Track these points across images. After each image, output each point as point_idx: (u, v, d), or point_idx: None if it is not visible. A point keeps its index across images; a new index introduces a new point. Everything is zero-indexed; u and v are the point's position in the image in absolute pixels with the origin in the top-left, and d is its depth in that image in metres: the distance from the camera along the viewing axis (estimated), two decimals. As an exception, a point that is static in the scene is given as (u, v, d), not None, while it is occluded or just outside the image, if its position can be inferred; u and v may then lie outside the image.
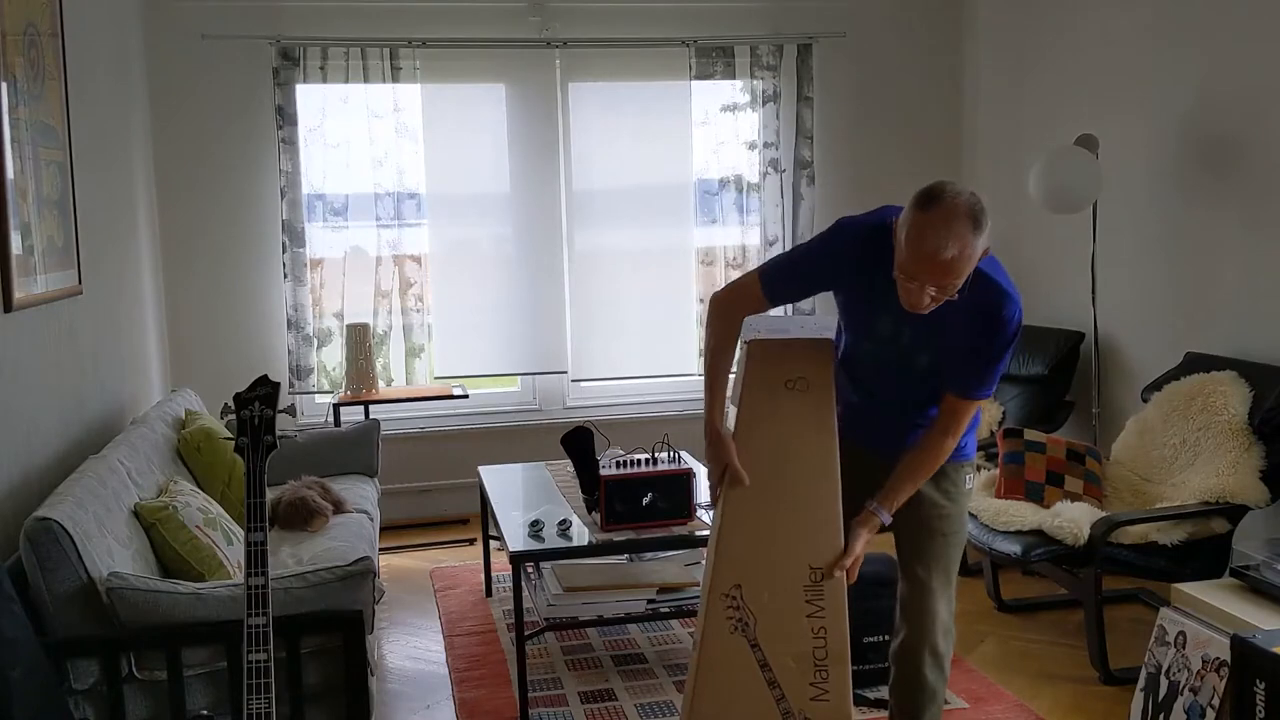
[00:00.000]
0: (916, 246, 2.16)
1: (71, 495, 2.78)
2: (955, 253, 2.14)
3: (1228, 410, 3.72)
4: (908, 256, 2.18)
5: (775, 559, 2.41)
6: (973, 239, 2.16)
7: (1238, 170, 4.11)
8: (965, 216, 2.16)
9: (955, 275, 2.17)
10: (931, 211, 2.16)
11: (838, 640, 2.37)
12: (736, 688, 2.35)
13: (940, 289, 2.20)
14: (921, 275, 2.18)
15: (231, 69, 5.25)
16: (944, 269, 2.15)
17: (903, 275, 2.21)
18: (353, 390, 5.19)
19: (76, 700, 2.56)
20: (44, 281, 3.29)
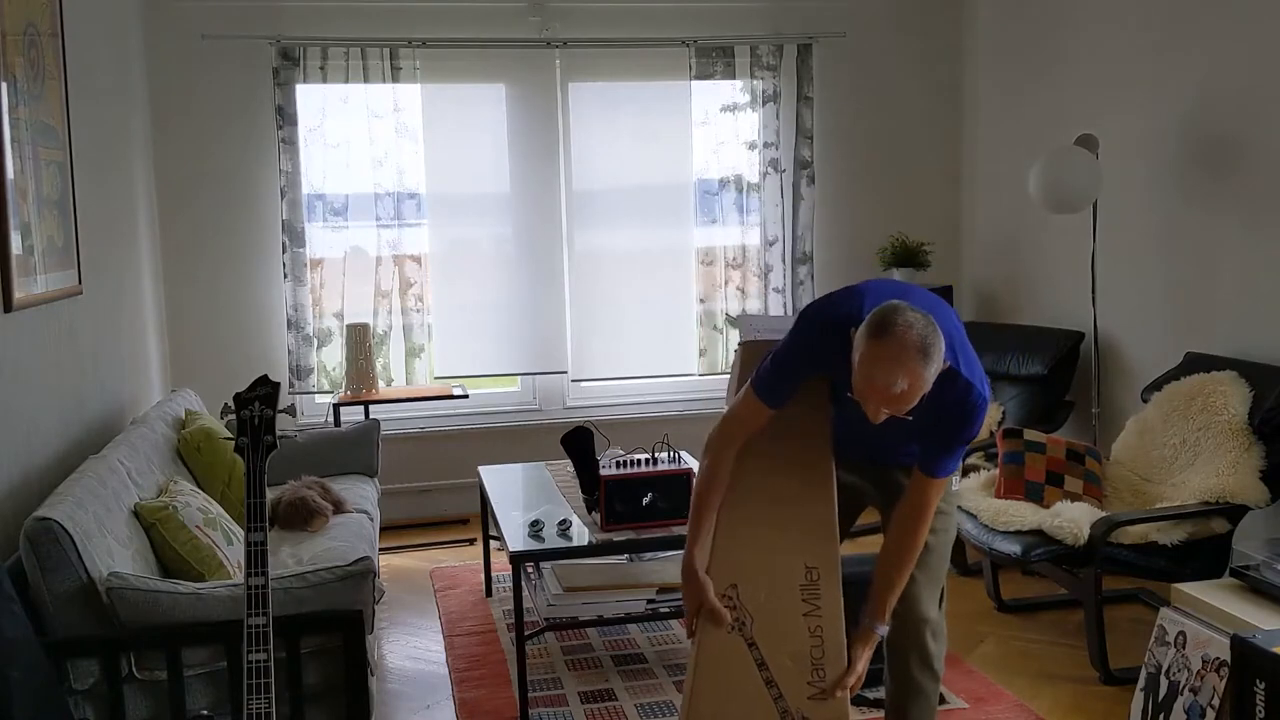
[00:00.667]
0: (868, 378, 2.19)
1: (71, 495, 2.78)
2: (905, 386, 2.17)
3: (1228, 410, 3.72)
4: (860, 383, 2.21)
5: (771, 559, 2.42)
6: (923, 371, 2.17)
7: (1238, 170, 4.11)
8: (915, 350, 2.16)
9: (907, 402, 2.20)
10: (883, 344, 2.17)
11: (835, 640, 2.38)
12: (734, 686, 2.35)
13: (895, 411, 2.23)
14: (874, 401, 2.21)
15: (231, 69, 5.25)
16: (895, 400, 2.19)
17: (858, 392, 2.23)
18: (353, 390, 5.19)
19: (76, 700, 2.56)
20: (44, 281, 3.29)
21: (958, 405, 2.36)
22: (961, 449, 2.47)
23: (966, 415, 2.37)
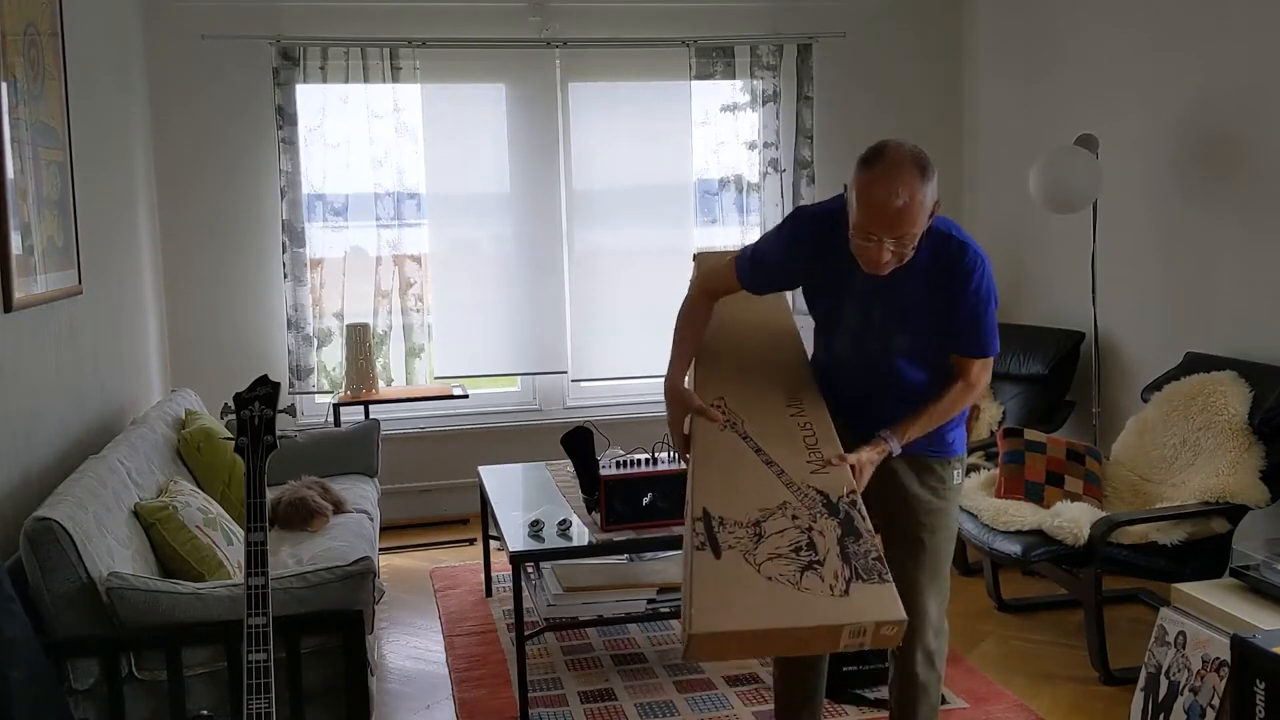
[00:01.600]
0: (867, 201, 2.21)
1: (71, 495, 2.78)
2: (905, 199, 2.19)
3: (1228, 410, 3.72)
4: (860, 214, 2.23)
5: (753, 385, 2.57)
6: (921, 185, 2.21)
7: (1238, 170, 4.11)
8: (911, 164, 2.22)
9: (909, 224, 2.21)
10: (876, 167, 2.22)
11: (825, 430, 2.44)
12: (735, 466, 2.37)
13: (898, 242, 2.23)
14: (877, 229, 2.22)
15: (231, 69, 5.25)
16: (897, 218, 2.20)
17: (858, 235, 2.25)
18: (353, 390, 5.19)
19: (76, 700, 2.56)
20: (44, 281, 3.29)
21: (952, 259, 2.35)
22: (984, 322, 2.41)
23: (964, 271, 2.34)
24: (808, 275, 2.53)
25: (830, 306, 2.51)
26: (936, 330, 2.43)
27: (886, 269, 2.28)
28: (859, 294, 2.43)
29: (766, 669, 3.64)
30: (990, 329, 2.44)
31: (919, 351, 2.47)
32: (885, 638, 2.12)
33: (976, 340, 2.44)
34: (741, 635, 2.09)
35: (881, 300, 2.41)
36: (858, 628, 2.11)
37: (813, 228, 2.46)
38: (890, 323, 2.43)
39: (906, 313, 2.40)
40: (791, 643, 2.18)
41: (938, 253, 2.35)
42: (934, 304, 2.38)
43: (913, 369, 2.49)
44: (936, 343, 2.46)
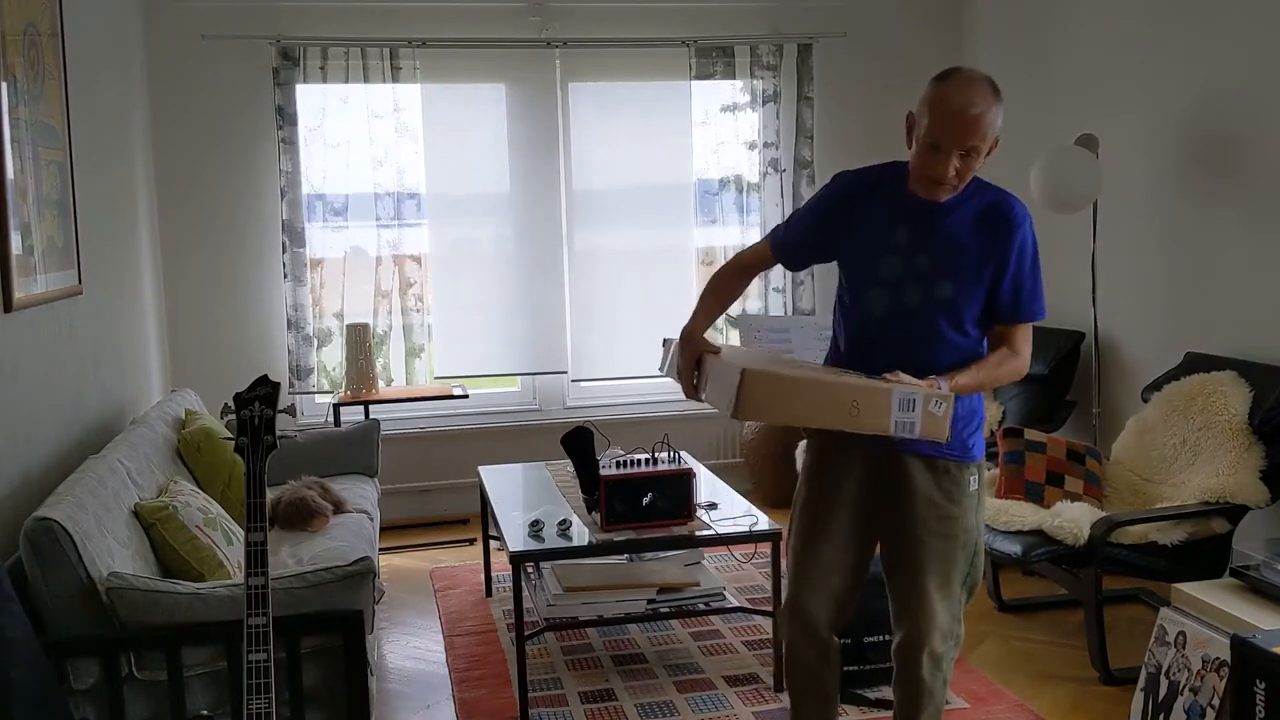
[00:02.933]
0: (943, 107, 2.26)
1: (71, 495, 2.78)
2: (982, 109, 2.25)
3: (1228, 410, 3.72)
4: (933, 121, 2.26)
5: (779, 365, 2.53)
6: (995, 103, 2.29)
7: (1238, 170, 4.11)
8: (985, 81, 2.30)
9: (980, 136, 2.26)
10: (952, 79, 2.30)
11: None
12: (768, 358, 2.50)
13: (964, 158, 2.27)
14: (949, 135, 2.25)
15: (231, 69, 5.25)
16: (972, 125, 2.25)
17: (927, 143, 2.28)
18: (353, 390, 5.19)
19: (76, 700, 2.56)
20: (44, 281, 3.29)
21: (1001, 207, 2.38)
22: (1033, 277, 2.41)
23: (1013, 220, 2.37)
24: (844, 229, 2.49)
25: (870, 258, 2.45)
26: (981, 281, 2.39)
27: (945, 188, 2.31)
28: (901, 247, 2.40)
29: (767, 669, 3.64)
30: (1038, 287, 2.43)
31: (961, 308, 2.40)
32: (934, 420, 2.15)
33: (1023, 297, 2.42)
34: (791, 384, 2.18)
35: (927, 247, 2.38)
36: (907, 397, 2.15)
37: (854, 179, 2.50)
38: (935, 270, 2.38)
39: (952, 258, 2.37)
40: (838, 409, 2.18)
41: (987, 203, 2.39)
42: (980, 252, 2.37)
43: (952, 331, 2.42)
44: (979, 300, 2.41)
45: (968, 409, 2.48)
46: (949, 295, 2.39)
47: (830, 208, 2.51)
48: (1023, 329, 2.44)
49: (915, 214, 2.39)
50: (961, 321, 2.41)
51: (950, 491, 2.49)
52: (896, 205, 2.41)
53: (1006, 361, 2.43)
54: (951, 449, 2.46)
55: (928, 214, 2.38)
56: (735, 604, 3.69)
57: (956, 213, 2.37)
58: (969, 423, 2.49)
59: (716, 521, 3.57)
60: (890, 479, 2.49)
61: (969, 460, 2.51)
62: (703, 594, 3.64)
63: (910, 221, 2.39)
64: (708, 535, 3.52)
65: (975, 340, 2.45)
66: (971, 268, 2.38)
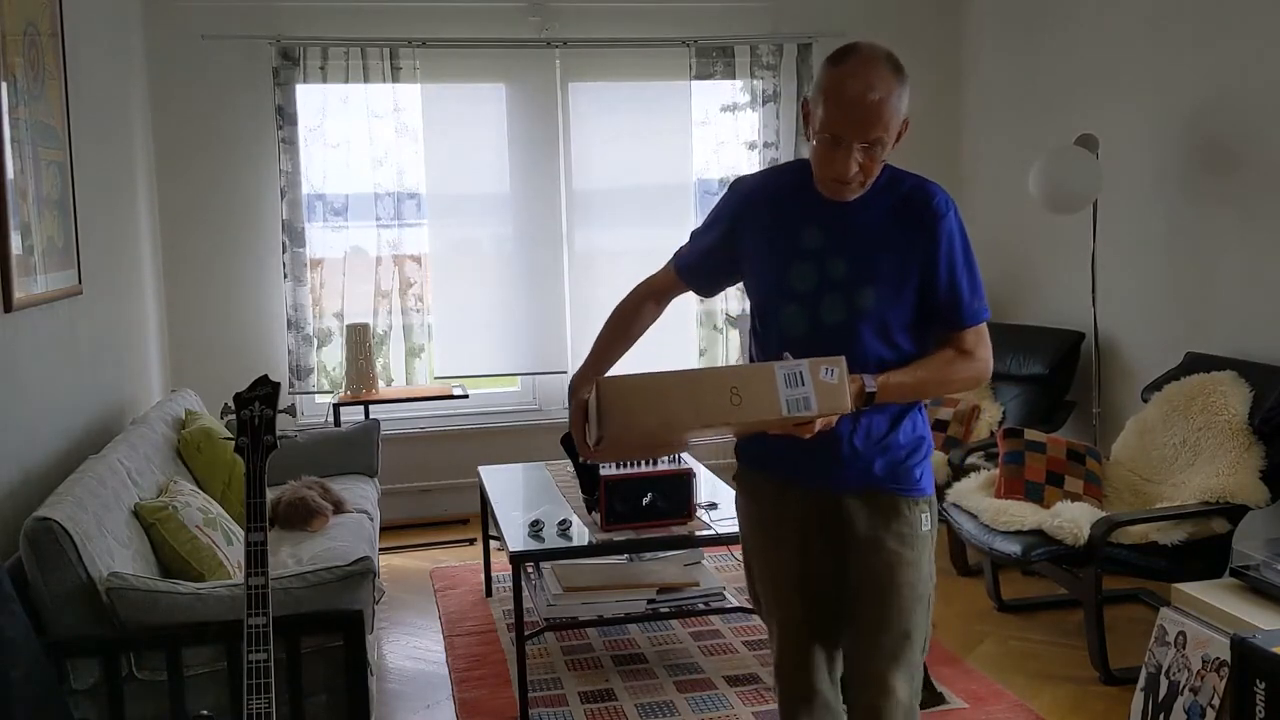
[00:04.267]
0: (838, 96, 1.96)
1: (71, 495, 2.78)
2: (882, 94, 1.94)
3: (1228, 410, 3.72)
4: (829, 111, 1.97)
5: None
6: (897, 84, 1.97)
7: (1238, 170, 4.11)
8: (885, 60, 1.98)
9: (882, 125, 1.96)
10: (850, 61, 1.98)
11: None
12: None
13: (867, 151, 1.98)
14: (847, 128, 1.96)
15: (231, 69, 5.25)
16: (870, 115, 1.94)
17: (824, 137, 1.98)
18: (353, 390, 5.19)
19: (77, 700, 2.56)
20: (44, 281, 3.29)
21: (919, 197, 2.08)
22: (967, 272, 2.10)
23: (934, 212, 2.07)
24: (747, 240, 2.19)
25: (778, 274, 2.13)
26: (907, 282, 2.09)
27: (852, 187, 2.03)
28: (813, 251, 2.10)
29: (767, 669, 3.64)
30: (975, 283, 2.12)
31: (887, 317, 2.09)
32: (829, 390, 1.87)
33: (960, 297, 2.11)
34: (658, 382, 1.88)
35: (842, 250, 2.09)
36: (792, 372, 1.88)
37: (755, 183, 2.24)
38: (854, 275, 2.07)
39: (871, 260, 2.08)
40: (718, 401, 1.88)
41: (903, 195, 2.09)
42: (903, 251, 2.08)
43: (881, 345, 2.10)
44: (908, 306, 2.10)
45: (911, 436, 2.16)
46: (872, 304, 2.08)
47: (730, 217, 2.23)
48: (971, 332, 2.12)
49: (825, 214, 2.10)
50: (889, 332, 2.10)
51: (901, 534, 2.13)
52: (804, 206, 2.12)
53: (956, 362, 2.11)
54: (898, 481, 2.14)
55: (839, 213, 2.10)
56: (735, 604, 3.68)
57: (870, 209, 2.08)
58: (914, 451, 2.16)
59: (716, 521, 3.57)
60: (827, 524, 2.15)
61: (918, 494, 2.16)
62: (703, 594, 3.64)
63: (820, 223, 2.10)
64: (707, 535, 3.52)
65: (909, 355, 2.12)
66: (894, 269, 2.08)
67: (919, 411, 2.19)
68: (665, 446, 2.52)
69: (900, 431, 2.15)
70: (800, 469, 2.18)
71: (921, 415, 2.20)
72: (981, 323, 2.13)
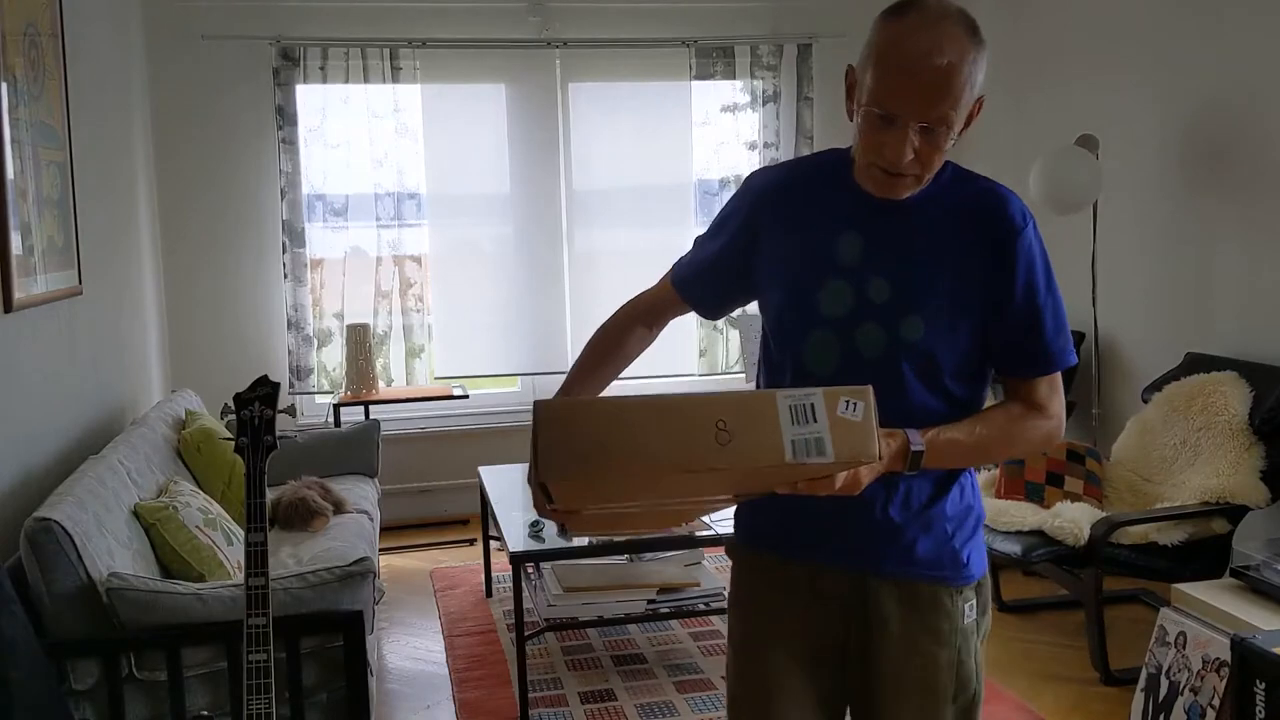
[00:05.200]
0: (896, 58, 1.53)
1: (71, 495, 2.78)
2: (953, 59, 1.51)
3: (1228, 410, 3.72)
4: (882, 80, 1.54)
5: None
6: (972, 49, 1.55)
7: (1238, 170, 4.10)
8: (957, 18, 1.56)
9: (951, 99, 1.52)
10: (909, 16, 1.56)
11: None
12: None
13: (928, 134, 1.54)
14: (904, 102, 1.52)
15: (231, 69, 5.25)
16: (937, 83, 1.51)
17: (874, 113, 1.54)
18: (353, 390, 5.19)
19: (77, 701, 2.56)
20: (44, 281, 3.29)
21: (988, 207, 1.64)
22: (1058, 294, 1.71)
23: (1019, 224, 1.64)
24: (767, 245, 1.73)
25: (802, 294, 1.68)
26: (968, 314, 1.64)
27: (905, 181, 1.58)
28: (850, 266, 1.65)
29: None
30: (1059, 319, 1.69)
31: (938, 355, 1.64)
32: (851, 429, 1.39)
33: (1043, 335, 1.67)
34: (613, 408, 1.38)
35: (887, 265, 1.63)
36: (800, 403, 1.40)
37: (776, 177, 1.78)
38: (900, 299, 1.62)
39: (923, 281, 1.62)
40: (694, 439, 1.37)
41: (971, 199, 1.65)
42: (967, 272, 1.63)
43: (928, 392, 1.65)
44: (966, 343, 1.65)
45: (959, 506, 1.71)
46: (919, 337, 1.62)
47: (744, 220, 1.76)
48: (1045, 382, 1.70)
49: (868, 218, 1.65)
50: (939, 375, 1.65)
51: (939, 630, 1.69)
52: (839, 208, 1.67)
53: (1026, 419, 1.69)
54: (942, 568, 1.68)
55: (884, 217, 1.64)
56: (735, 604, 3.68)
57: (926, 214, 1.64)
58: (962, 525, 1.71)
59: (716, 521, 3.57)
60: (852, 616, 1.70)
61: (965, 580, 1.72)
62: (703, 594, 3.64)
63: (861, 229, 1.65)
64: (708, 535, 3.52)
65: (962, 405, 1.68)
66: (952, 295, 1.63)
67: (969, 475, 1.75)
68: (643, 516, 1.85)
69: (948, 500, 1.70)
70: (814, 543, 1.70)
71: (972, 480, 1.76)
72: (1060, 370, 1.71)
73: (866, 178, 1.62)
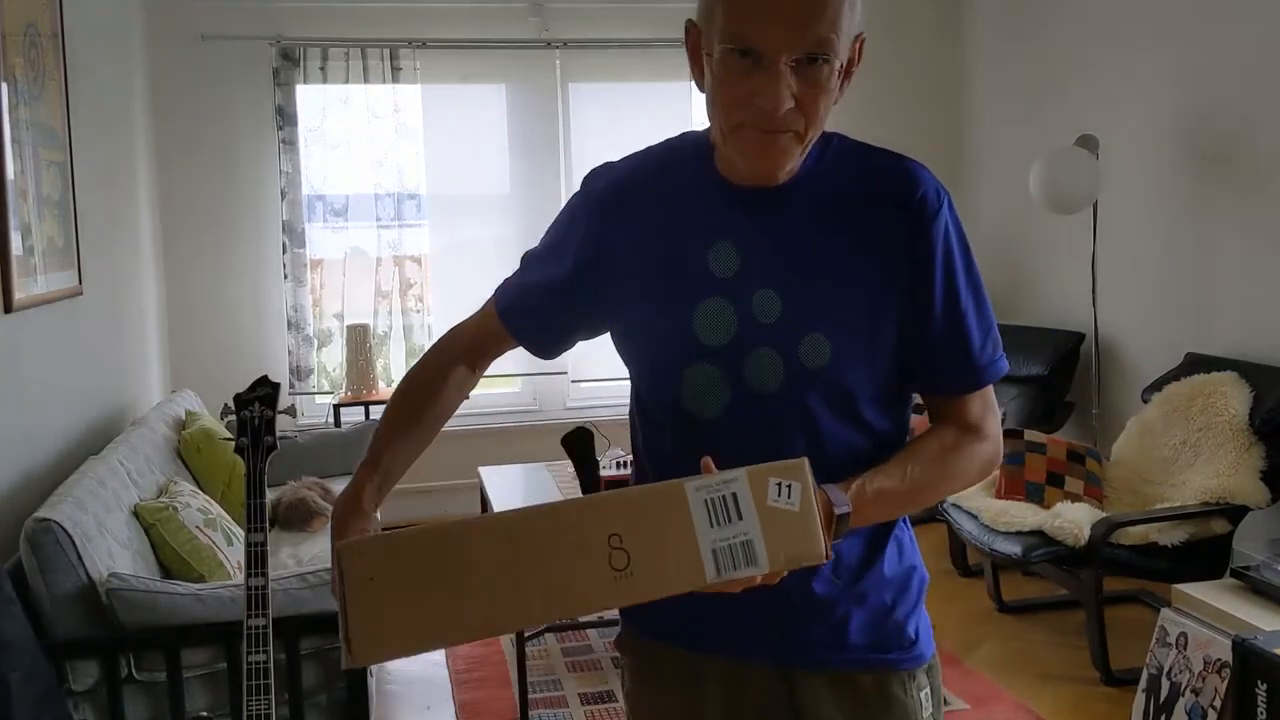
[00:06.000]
0: None
1: (71, 496, 2.78)
2: None
3: (1228, 411, 3.71)
4: (736, 3, 1.20)
5: None
6: None
7: (1238, 170, 4.10)
8: None
9: (828, 19, 1.20)
10: None
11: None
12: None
13: (808, 66, 1.20)
14: (770, 25, 1.18)
15: (231, 69, 5.25)
16: (806, 14, 1.19)
17: (731, 52, 1.21)
18: (353, 391, 5.19)
19: (76, 701, 2.56)
20: (44, 282, 3.29)
21: (907, 190, 1.30)
22: (982, 289, 1.35)
23: (934, 204, 1.30)
24: (617, 264, 1.39)
25: (673, 320, 1.33)
26: (883, 326, 1.31)
27: (785, 147, 1.24)
28: (726, 280, 1.31)
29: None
30: (985, 318, 1.35)
31: (856, 380, 1.31)
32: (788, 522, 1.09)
33: (963, 341, 1.33)
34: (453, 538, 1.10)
35: (774, 273, 1.30)
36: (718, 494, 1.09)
37: (622, 174, 1.51)
38: (795, 315, 1.29)
39: (822, 288, 1.29)
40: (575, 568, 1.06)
41: (869, 177, 1.32)
42: (873, 270, 1.30)
43: (844, 425, 1.32)
44: (883, 359, 1.32)
45: (898, 568, 1.39)
46: (826, 361, 1.29)
47: (584, 234, 1.44)
48: (978, 397, 1.36)
49: (740, 215, 1.32)
50: (855, 404, 1.32)
51: None
52: (704, 204, 1.35)
53: (962, 446, 1.34)
54: (885, 648, 1.37)
55: (762, 210, 1.31)
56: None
57: (813, 199, 1.30)
58: (903, 590, 1.39)
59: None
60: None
61: (915, 661, 1.39)
62: (703, 595, 3.63)
63: (733, 229, 1.32)
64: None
65: (885, 439, 1.36)
66: (860, 301, 1.30)
67: (904, 527, 1.42)
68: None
69: (883, 562, 1.37)
70: (727, 634, 1.36)
71: (907, 532, 1.43)
72: (994, 381, 1.38)
73: (736, 147, 1.26)
